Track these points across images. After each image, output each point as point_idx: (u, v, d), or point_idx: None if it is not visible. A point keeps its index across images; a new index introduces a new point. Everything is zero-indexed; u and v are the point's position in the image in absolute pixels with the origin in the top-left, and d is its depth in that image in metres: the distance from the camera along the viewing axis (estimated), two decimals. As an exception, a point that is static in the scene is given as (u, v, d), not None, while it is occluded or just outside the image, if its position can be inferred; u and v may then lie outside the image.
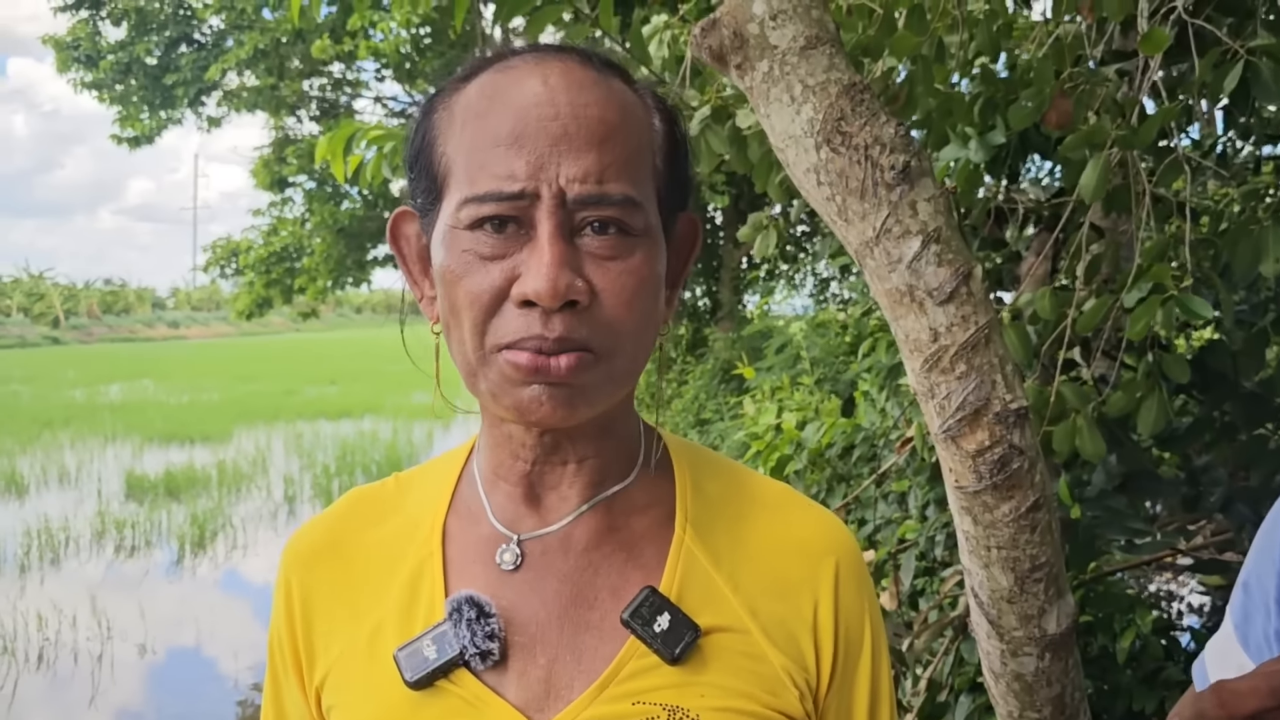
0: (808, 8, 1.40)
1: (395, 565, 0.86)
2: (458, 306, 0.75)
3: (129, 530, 9.39)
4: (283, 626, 0.88)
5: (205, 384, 24.58)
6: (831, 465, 3.99)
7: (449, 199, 0.76)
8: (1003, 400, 1.41)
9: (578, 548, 0.83)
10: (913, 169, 1.37)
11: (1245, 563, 0.99)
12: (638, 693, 0.78)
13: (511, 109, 0.74)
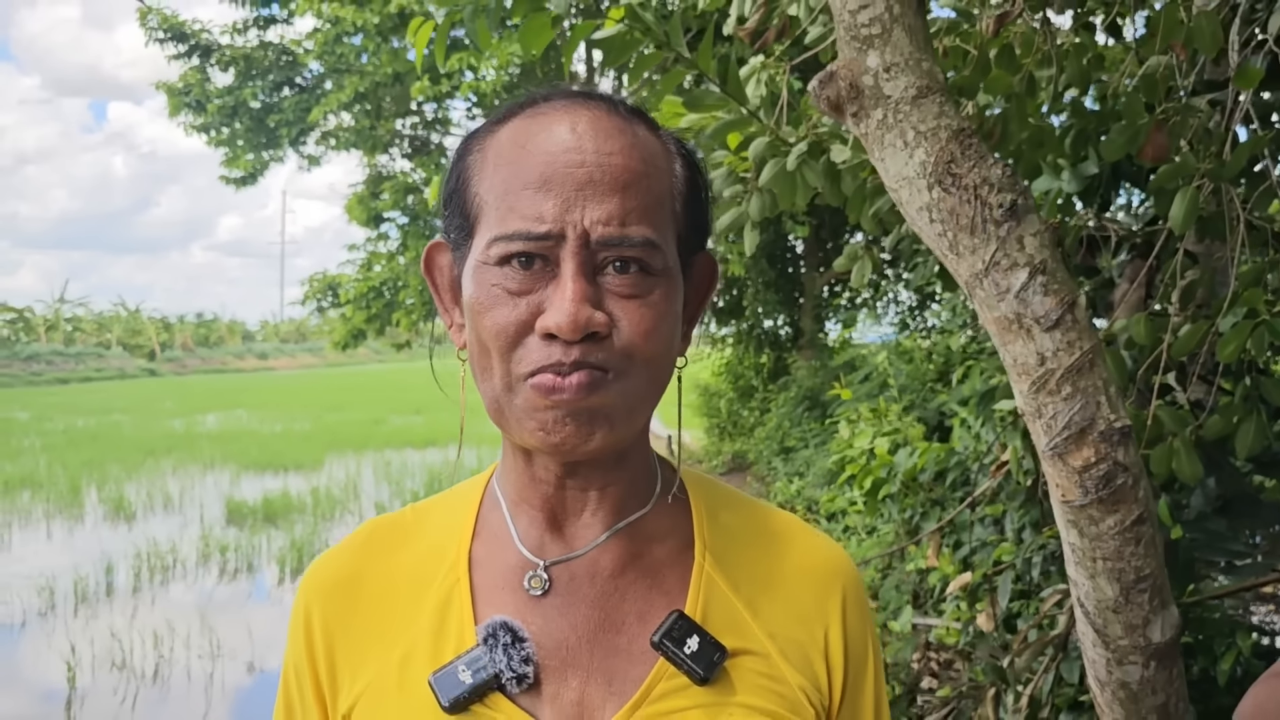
0: (918, 60, 1.53)
1: (422, 593, 0.88)
2: (484, 337, 0.78)
3: (232, 554, 9.76)
4: (302, 657, 0.89)
5: (296, 414, 25.30)
6: (925, 489, 4.05)
7: (480, 235, 0.79)
8: (1107, 420, 1.51)
9: (604, 574, 0.86)
10: (1019, 206, 1.49)
11: None
12: (668, 713, 0.81)
13: (541, 154, 0.77)
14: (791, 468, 9.98)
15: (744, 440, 11.83)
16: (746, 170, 2.94)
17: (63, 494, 12.81)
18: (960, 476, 4.02)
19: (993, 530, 3.65)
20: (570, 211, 0.76)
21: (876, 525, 6.57)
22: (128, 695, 6.20)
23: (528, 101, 0.84)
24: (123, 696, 6.16)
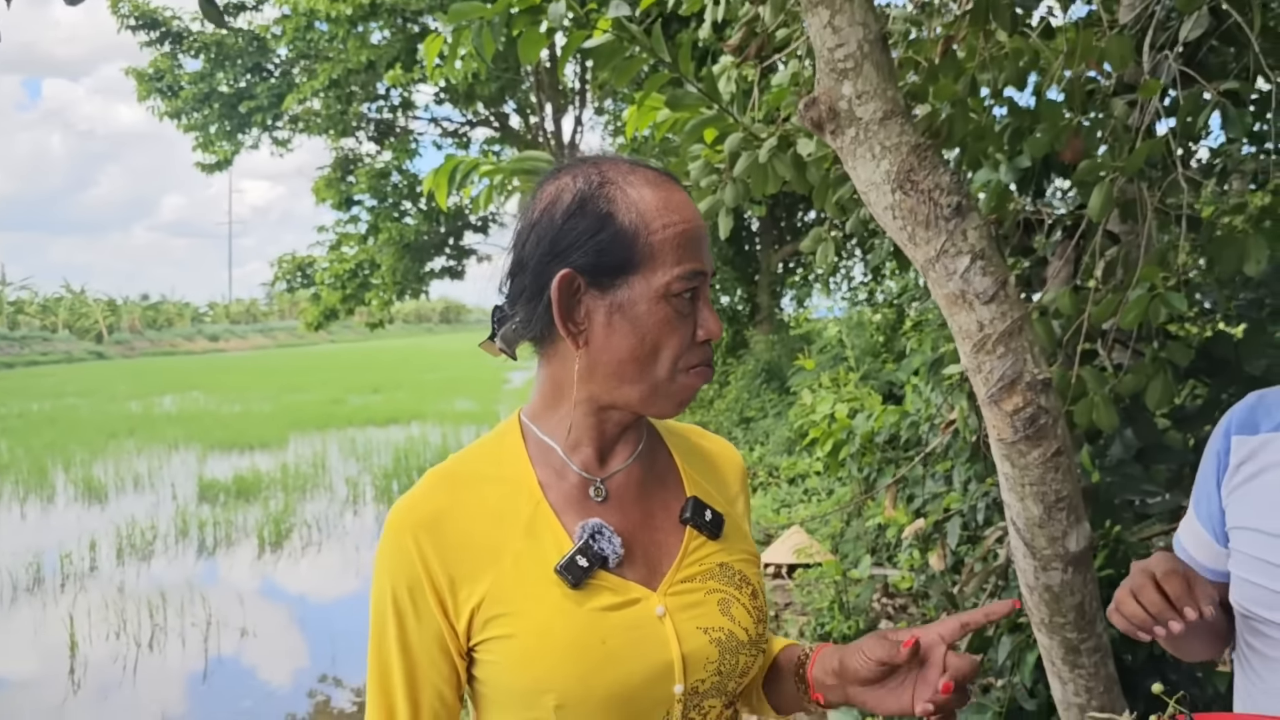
0: (884, 89, 1.92)
1: (506, 515, 1.13)
2: (661, 345, 1.10)
3: (210, 528, 10.03)
4: (417, 571, 1.09)
5: (253, 394, 25.36)
6: (881, 449, 4.48)
7: (652, 274, 1.09)
8: (1032, 373, 1.92)
9: (635, 483, 1.19)
10: (963, 206, 1.89)
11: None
12: (700, 560, 1.17)
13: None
14: (751, 436, 10.45)
15: (704, 412, 12.31)
16: (721, 162, 3.30)
17: (30, 476, 12.93)
18: (913, 436, 4.45)
19: (942, 483, 4.08)
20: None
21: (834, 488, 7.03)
22: (127, 662, 6.49)
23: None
24: (122, 663, 6.46)
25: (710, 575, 1.17)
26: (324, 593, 8.20)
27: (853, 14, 1.91)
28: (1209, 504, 1.39)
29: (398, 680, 1.11)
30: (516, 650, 1.07)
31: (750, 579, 1.20)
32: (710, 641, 1.12)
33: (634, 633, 1.09)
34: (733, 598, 1.16)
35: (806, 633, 4.67)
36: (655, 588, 1.13)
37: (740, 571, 1.19)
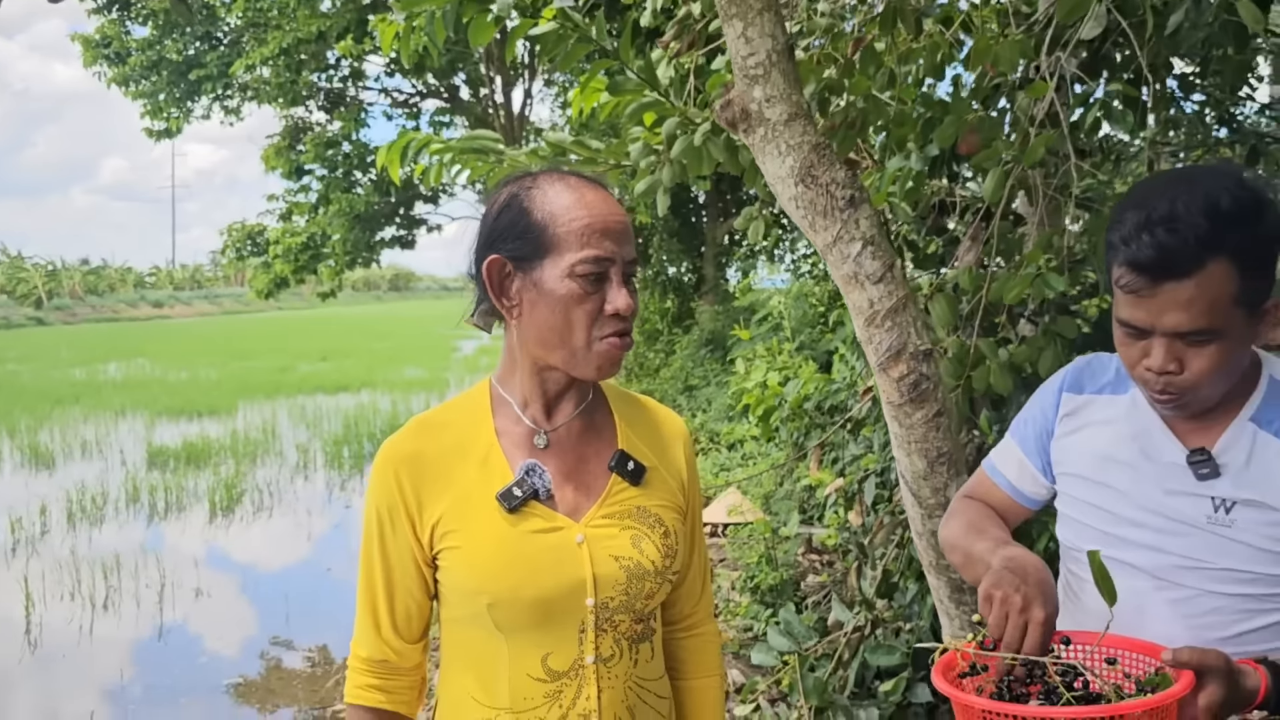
0: (789, 94, 2.18)
1: (468, 453, 1.39)
2: (573, 316, 1.31)
3: (161, 494, 10.14)
4: (395, 498, 1.37)
5: (200, 361, 25.20)
6: (809, 415, 4.78)
7: (558, 258, 1.31)
8: (915, 344, 2.21)
9: (574, 435, 1.43)
10: (857, 198, 2.16)
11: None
12: (621, 501, 1.41)
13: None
14: (695, 404, 10.78)
15: (650, 380, 12.61)
16: (659, 144, 3.54)
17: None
18: (839, 403, 4.76)
19: (863, 446, 4.40)
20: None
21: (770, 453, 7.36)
22: (83, 622, 6.65)
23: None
24: (78, 625, 6.61)
25: (627, 515, 1.43)
26: (276, 557, 8.38)
27: (763, 27, 2.16)
28: (1040, 442, 1.65)
29: (379, 581, 1.40)
30: (461, 559, 1.35)
31: (665, 521, 1.45)
32: (620, 568, 1.39)
33: (555, 553, 1.36)
34: (644, 535, 1.42)
35: (737, 585, 4.99)
36: (579, 520, 1.39)
37: (656, 514, 1.45)
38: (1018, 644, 1.29)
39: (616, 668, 1.40)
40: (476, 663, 1.38)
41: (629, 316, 1.35)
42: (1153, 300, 1.30)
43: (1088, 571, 1.55)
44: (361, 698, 1.41)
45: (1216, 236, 1.25)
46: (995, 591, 1.33)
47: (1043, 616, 1.29)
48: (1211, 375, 1.33)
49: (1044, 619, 1.29)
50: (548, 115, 13.87)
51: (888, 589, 3.49)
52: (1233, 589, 1.39)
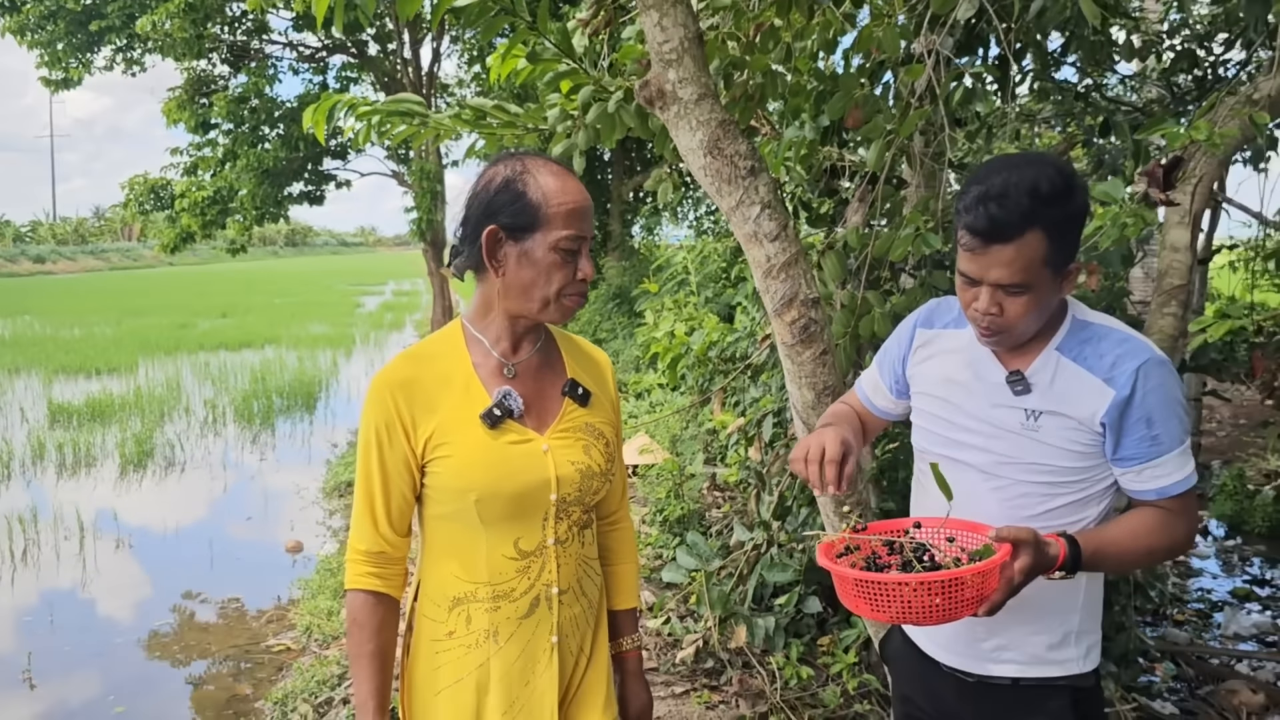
0: (698, 76, 2.52)
1: (451, 381, 1.70)
2: (551, 276, 1.65)
3: (68, 450, 10.09)
4: (392, 415, 1.67)
5: (93, 318, 24.55)
6: (713, 362, 5.18)
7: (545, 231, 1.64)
8: (805, 293, 2.59)
9: (534, 367, 1.77)
10: (756, 167, 2.52)
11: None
12: (573, 420, 1.77)
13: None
14: (604, 357, 11.12)
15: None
16: (575, 110, 3.83)
17: None
18: (740, 351, 5.16)
19: (762, 390, 4.81)
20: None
21: (676, 401, 7.77)
22: (4, 572, 6.73)
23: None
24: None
25: (579, 429, 1.79)
26: (189, 512, 8.48)
27: (676, 17, 2.50)
28: (893, 369, 2.05)
29: (377, 485, 1.71)
30: (453, 465, 1.68)
31: (605, 434, 1.83)
32: (575, 470, 1.75)
33: (527, 459, 1.71)
34: (592, 444, 1.79)
35: (648, 520, 5.40)
36: (543, 433, 1.74)
37: (599, 429, 1.82)
38: (819, 483, 1.78)
39: (569, 548, 1.77)
40: (458, 550, 1.73)
41: (589, 280, 1.72)
42: (983, 257, 1.68)
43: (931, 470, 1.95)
44: (362, 583, 1.74)
45: (1035, 212, 1.64)
46: (797, 453, 1.81)
47: (828, 456, 1.77)
48: (1023, 318, 1.72)
49: (831, 458, 1.77)
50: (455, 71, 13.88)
51: (782, 512, 3.92)
52: (1039, 478, 1.80)
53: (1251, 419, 9.76)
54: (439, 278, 11.80)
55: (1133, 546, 1.74)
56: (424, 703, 1.76)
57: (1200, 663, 4.84)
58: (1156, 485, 1.75)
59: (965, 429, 1.87)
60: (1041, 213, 1.63)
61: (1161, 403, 1.72)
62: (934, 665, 1.95)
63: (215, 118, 10.44)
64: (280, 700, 4.39)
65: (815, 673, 3.74)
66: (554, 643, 1.75)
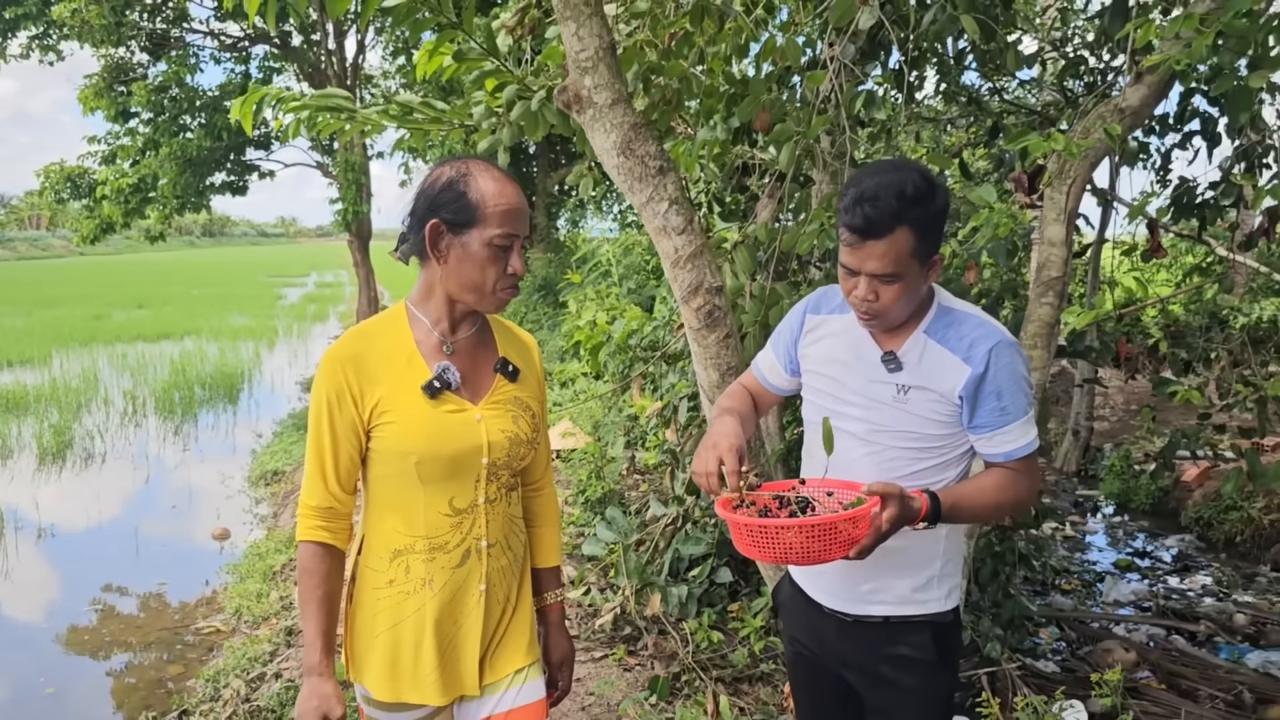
0: (613, 83, 2.75)
1: (395, 356, 1.88)
2: (487, 269, 1.84)
3: (-18, 441, 9.96)
4: (342, 385, 1.85)
5: (1, 309, 23.91)
6: (633, 350, 5.42)
7: (482, 228, 1.82)
8: (709, 282, 2.84)
9: (470, 346, 1.95)
10: (665, 167, 2.76)
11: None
12: (504, 393, 1.96)
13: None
14: (529, 348, 11.30)
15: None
16: (500, 107, 4.02)
17: None
18: (659, 340, 5.41)
19: (679, 375, 5.07)
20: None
21: (598, 389, 8.00)
22: (-78, 564, 6.70)
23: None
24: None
25: (509, 402, 2.01)
26: (111, 502, 8.46)
27: (592, 28, 2.72)
28: (786, 350, 2.30)
29: (327, 447, 1.91)
30: (396, 431, 1.89)
31: (532, 407, 2.05)
32: (505, 437, 1.97)
33: (463, 427, 1.93)
34: (520, 415, 2.02)
35: (571, 501, 5.63)
36: (477, 404, 1.96)
37: (526, 402, 2.04)
38: (719, 488, 1.93)
39: (498, 506, 1.99)
40: (399, 507, 1.94)
41: (520, 275, 1.93)
42: (860, 251, 1.94)
43: (819, 437, 2.20)
44: (312, 535, 1.93)
45: (902, 212, 1.90)
46: (698, 466, 1.96)
47: (728, 468, 1.93)
48: (896, 303, 1.99)
49: (730, 469, 1.93)
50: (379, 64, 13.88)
51: (696, 488, 4.18)
52: (908, 444, 2.07)
53: (1141, 404, 10.35)
54: (365, 268, 11.84)
55: (984, 501, 2.02)
56: (365, 644, 1.98)
57: (1081, 626, 5.23)
58: (1005, 449, 2.02)
59: (847, 401, 2.13)
60: (908, 212, 1.89)
61: (1010, 379, 1.99)
62: (818, 608, 2.21)
63: (135, 106, 10.33)
64: (212, 678, 4.52)
65: (725, 637, 4.01)
66: (483, 590, 1.97)
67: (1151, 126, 4.82)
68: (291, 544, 6.25)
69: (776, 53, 3.55)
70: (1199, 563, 6.67)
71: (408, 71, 12.03)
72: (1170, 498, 7.78)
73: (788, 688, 3.36)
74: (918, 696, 2.11)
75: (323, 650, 1.90)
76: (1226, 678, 4.47)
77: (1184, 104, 4.61)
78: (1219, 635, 5.24)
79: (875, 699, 2.16)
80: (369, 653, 1.97)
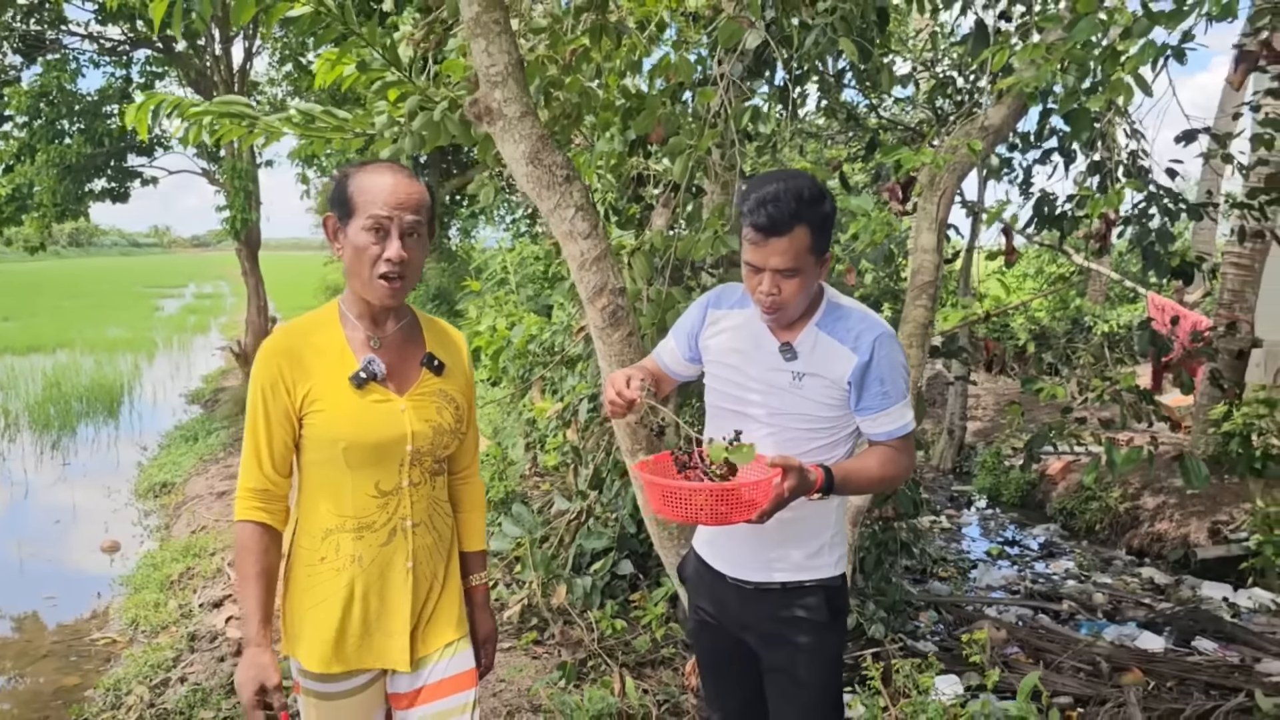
0: (521, 96, 2.92)
1: (326, 350, 2.02)
2: (363, 256, 1.97)
3: None
4: (276, 375, 1.98)
5: None
6: (532, 354, 5.57)
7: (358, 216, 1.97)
8: (613, 283, 3.03)
9: (397, 341, 2.09)
10: (571, 175, 2.94)
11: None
12: (429, 386, 2.10)
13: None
14: (423, 357, 11.30)
15: (378, 335, 12.94)
16: (402, 116, 4.13)
17: None
18: (557, 345, 5.57)
19: (578, 378, 5.24)
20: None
21: (495, 394, 8.10)
22: None
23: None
24: None
25: (434, 394, 2.16)
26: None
27: (501, 45, 2.89)
28: (688, 339, 2.49)
29: (262, 434, 2.03)
30: (325, 419, 2.02)
31: (456, 399, 2.20)
32: (429, 426, 2.12)
33: (388, 416, 2.07)
34: (444, 406, 2.17)
35: (473, 502, 5.74)
36: (402, 395, 2.10)
37: (451, 395, 2.19)
38: (623, 401, 2.17)
39: (421, 489, 2.13)
40: (329, 490, 2.07)
41: (398, 262, 2.02)
42: (764, 248, 2.16)
43: (723, 420, 2.39)
44: (249, 515, 2.04)
45: (801, 212, 2.13)
46: (607, 389, 2.22)
47: (617, 384, 2.19)
48: (796, 297, 2.21)
49: (618, 382, 2.19)
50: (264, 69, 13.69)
51: (598, 483, 4.36)
52: (803, 425, 2.30)
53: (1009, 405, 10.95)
54: (254, 277, 11.66)
55: (870, 474, 2.26)
56: (299, 617, 2.10)
57: (957, 609, 5.60)
58: (886, 429, 2.27)
59: (748, 388, 2.34)
60: (805, 212, 2.12)
61: (891, 367, 2.24)
62: (721, 578, 2.41)
63: (9, 110, 9.98)
64: (112, 686, 4.48)
65: (629, 625, 4.20)
66: (409, 567, 2.12)
67: (1014, 143, 5.22)
68: (188, 553, 6.19)
69: (670, 69, 3.77)
70: (1063, 549, 7.16)
71: (296, 79, 11.92)
72: (1037, 491, 8.31)
73: (688, 668, 3.56)
74: (811, 653, 2.34)
75: (260, 623, 2.02)
76: (1087, 650, 4.86)
77: (1042, 123, 5.01)
78: (1080, 613, 5.68)
79: (773, 658, 2.38)
80: (302, 626, 2.10)
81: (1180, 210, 4.82)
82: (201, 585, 5.66)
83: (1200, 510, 6.92)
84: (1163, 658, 4.89)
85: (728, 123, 4.10)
